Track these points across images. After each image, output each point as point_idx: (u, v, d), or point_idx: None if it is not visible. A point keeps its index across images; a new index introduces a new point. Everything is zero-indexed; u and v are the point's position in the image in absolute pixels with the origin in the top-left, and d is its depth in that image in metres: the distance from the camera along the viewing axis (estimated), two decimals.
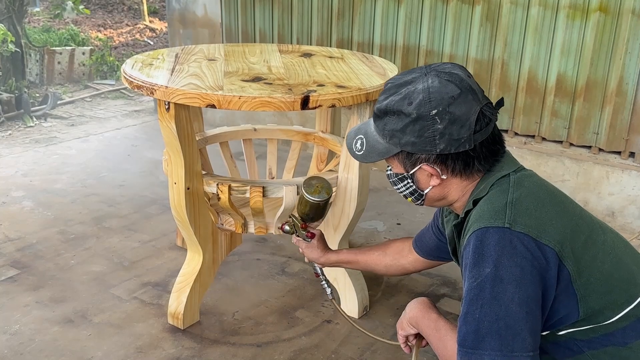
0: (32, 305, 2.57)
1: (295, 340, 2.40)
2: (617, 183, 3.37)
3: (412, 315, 1.52)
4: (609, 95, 3.34)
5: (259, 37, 4.62)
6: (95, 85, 6.78)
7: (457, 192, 1.44)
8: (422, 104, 1.33)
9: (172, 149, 2.19)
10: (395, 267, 1.90)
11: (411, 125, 1.35)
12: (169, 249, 3.07)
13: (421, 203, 1.49)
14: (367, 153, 1.46)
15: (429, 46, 3.87)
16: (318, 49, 2.87)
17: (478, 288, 1.25)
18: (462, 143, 1.34)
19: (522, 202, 1.31)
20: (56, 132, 5.08)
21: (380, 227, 3.36)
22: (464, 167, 1.39)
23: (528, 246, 1.24)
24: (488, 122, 1.36)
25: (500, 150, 1.42)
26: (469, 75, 1.40)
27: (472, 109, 1.34)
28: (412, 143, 1.37)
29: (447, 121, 1.33)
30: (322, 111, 2.91)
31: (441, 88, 1.33)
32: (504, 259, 1.24)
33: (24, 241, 3.11)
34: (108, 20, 9.98)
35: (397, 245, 1.91)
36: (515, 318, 1.21)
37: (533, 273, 1.23)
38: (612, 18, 3.24)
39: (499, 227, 1.26)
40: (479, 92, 1.38)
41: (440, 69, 1.38)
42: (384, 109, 1.39)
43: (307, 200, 1.95)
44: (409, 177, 1.44)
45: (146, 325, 2.46)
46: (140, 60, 2.45)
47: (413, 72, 1.40)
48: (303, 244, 2.00)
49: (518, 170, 1.41)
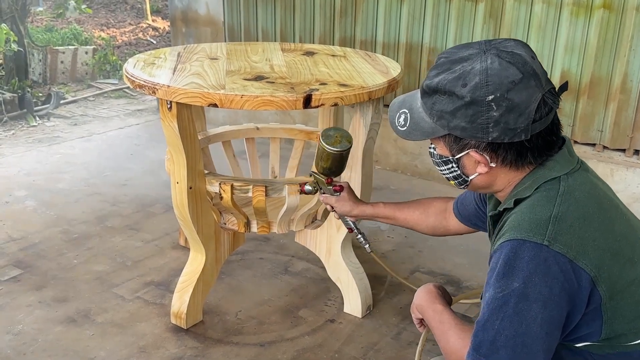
0: (35, 305, 2.57)
1: (299, 340, 2.40)
2: (621, 181, 3.35)
3: (417, 303, 1.50)
4: (613, 92, 3.32)
5: (262, 35, 4.62)
6: (98, 85, 6.78)
7: (504, 182, 1.33)
8: (478, 88, 1.21)
9: (175, 148, 2.18)
10: (439, 229, 1.79)
11: (463, 109, 1.23)
12: (171, 249, 3.07)
13: (464, 188, 1.40)
14: (411, 130, 1.34)
15: (431, 44, 3.86)
16: (320, 48, 2.86)
17: (503, 300, 1.19)
18: (517, 133, 1.22)
19: (568, 217, 1.21)
20: (59, 131, 5.08)
21: (383, 225, 3.35)
22: (516, 158, 1.27)
23: (563, 267, 1.17)
24: (549, 110, 1.25)
25: (556, 143, 1.30)
26: (533, 56, 1.26)
27: (534, 96, 1.21)
28: (462, 128, 1.25)
29: (505, 108, 1.20)
30: (325, 110, 2.90)
31: (501, 71, 1.20)
32: (535, 277, 1.17)
33: (26, 241, 3.11)
34: (111, 19, 9.99)
35: (439, 206, 1.79)
36: (533, 338, 1.17)
37: (561, 295, 1.17)
38: (616, 15, 3.22)
39: (537, 243, 1.18)
40: (543, 75, 1.25)
41: (501, 47, 1.24)
42: (434, 87, 1.26)
43: (329, 153, 1.82)
44: (454, 162, 1.33)
45: (149, 325, 2.46)
46: (142, 59, 2.44)
47: (470, 48, 1.26)
48: (332, 199, 1.87)
49: (571, 172, 1.29)
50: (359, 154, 2.31)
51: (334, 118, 2.90)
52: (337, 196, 1.88)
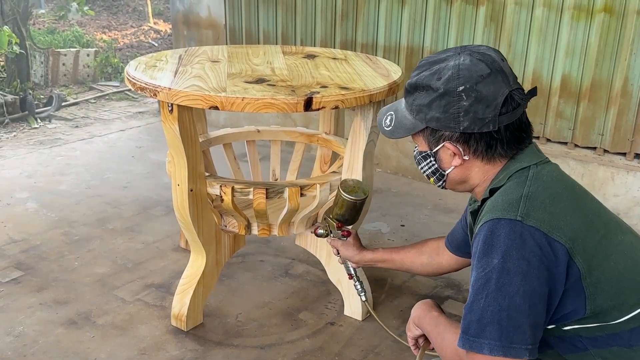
0: (36, 307, 2.57)
1: (299, 343, 2.40)
2: (622, 184, 3.35)
3: (415, 315, 1.56)
4: (614, 96, 3.33)
5: (263, 38, 4.63)
6: (99, 87, 6.79)
7: (479, 176, 1.43)
8: (450, 80, 1.34)
9: (176, 150, 2.19)
10: (431, 266, 1.87)
11: (437, 100, 1.36)
12: (172, 251, 3.07)
13: (443, 185, 1.49)
14: (395, 129, 1.47)
15: (432, 47, 3.86)
16: (321, 51, 2.87)
17: (485, 278, 1.26)
18: (486, 123, 1.34)
19: (538, 195, 1.30)
20: (60, 133, 5.09)
21: (384, 228, 3.35)
22: (487, 149, 1.38)
23: (538, 240, 1.24)
24: (516, 106, 1.36)
25: (525, 139, 1.41)
26: (503, 59, 1.39)
27: (501, 91, 1.34)
28: (436, 119, 1.37)
29: (473, 99, 1.33)
30: (326, 112, 2.90)
31: (471, 66, 1.34)
32: (512, 251, 1.24)
33: (28, 242, 3.11)
34: (113, 21, 10.00)
35: (433, 243, 1.88)
36: (518, 310, 1.22)
37: (540, 268, 1.24)
38: (617, 19, 3.22)
39: (511, 219, 1.26)
40: (511, 75, 1.37)
41: (474, 49, 1.39)
42: (414, 84, 1.41)
43: (344, 200, 1.92)
44: (432, 155, 1.44)
45: (149, 327, 2.46)
46: (143, 62, 2.44)
47: (448, 52, 1.41)
48: (339, 242, 1.98)
49: (540, 163, 1.39)
50: (360, 157, 2.31)
51: (335, 121, 2.91)
52: (343, 240, 1.97)
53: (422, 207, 3.62)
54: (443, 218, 3.49)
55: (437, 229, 3.35)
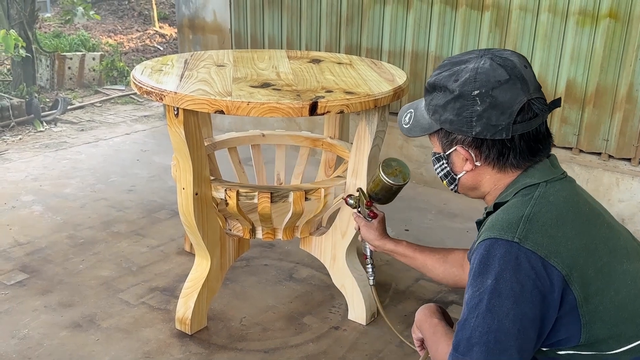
0: (41, 310, 2.58)
1: (303, 347, 2.40)
2: (627, 190, 3.34)
3: (417, 319, 1.56)
4: (619, 101, 3.32)
5: (268, 43, 4.64)
6: (105, 91, 6.82)
7: (489, 185, 1.40)
8: (467, 83, 1.31)
9: (181, 154, 2.19)
10: (451, 275, 1.78)
11: (452, 102, 1.34)
12: (177, 254, 3.08)
13: (455, 188, 1.46)
14: (412, 127, 1.46)
15: (437, 52, 3.87)
16: (327, 55, 2.88)
17: (478, 298, 1.24)
18: (499, 130, 1.30)
19: (540, 217, 1.26)
20: (66, 137, 5.10)
21: (388, 233, 3.35)
22: (498, 157, 1.34)
23: (533, 264, 1.21)
24: (533, 116, 1.31)
25: (540, 150, 1.35)
26: (527, 65, 1.34)
27: (518, 98, 1.29)
28: (450, 121, 1.35)
29: (488, 104, 1.29)
30: (331, 117, 2.91)
31: (490, 71, 1.30)
32: (506, 273, 1.21)
33: (33, 245, 3.12)
34: (118, 25, 10.04)
35: (458, 254, 1.80)
36: (506, 333, 1.20)
37: (534, 293, 1.21)
38: (622, 24, 3.22)
39: (508, 240, 1.23)
40: (532, 83, 1.32)
41: (497, 53, 1.34)
42: (433, 83, 1.39)
43: (381, 180, 1.85)
44: (445, 158, 1.42)
45: (154, 331, 2.47)
46: (149, 66, 2.46)
47: (472, 53, 1.38)
48: (362, 221, 1.89)
49: (552, 180, 1.34)
50: (364, 162, 2.32)
51: (340, 125, 2.92)
52: (368, 221, 1.89)
53: (427, 212, 3.62)
54: (447, 223, 3.49)
55: (442, 234, 3.35)
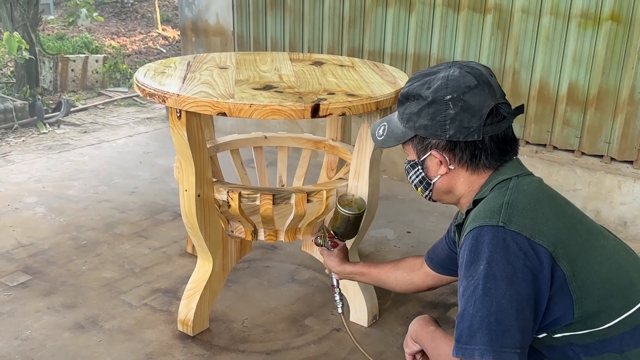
0: (44, 311, 2.59)
1: (305, 348, 2.40)
2: (629, 193, 3.34)
3: (412, 331, 1.58)
4: (621, 104, 3.33)
5: (271, 45, 4.65)
6: (108, 93, 6.84)
7: (464, 187, 1.47)
8: (439, 89, 1.41)
9: (183, 156, 2.20)
10: (404, 281, 1.87)
11: (426, 108, 1.42)
12: (179, 256, 3.09)
13: (429, 194, 1.53)
14: (387, 138, 1.53)
15: (439, 55, 3.87)
16: (329, 58, 2.88)
17: (473, 285, 1.28)
18: (471, 132, 1.39)
19: (519, 203, 1.34)
20: (69, 138, 5.12)
21: (390, 235, 3.36)
22: (471, 158, 1.43)
23: (521, 245, 1.27)
24: (501, 119, 1.41)
25: (509, 152, 1.46)
26: (492, 74, 1.46)
27: (486, 102, 1.39)
28: (424, 126, 1.43)
29: (460, 108, 1.39)
30: (333, 119, 2.91)
31: (460, 77, 1.41)
32: (496, 256, 1.27)
33: (36, 247, 3.13)
34: (121, 28, 10.07)
35: (411, 260, 1.90)
36: (505, 314, 1.24)
37: (525, 272, 1.26)
38: (624, 27, 3.23)
39: (493, 225, 1.30)
40: (498, 90, 1.43)
41: (464, 64, 1.46)
42: (406, 94, 1.48)
43: (339, 212, 1.98)
44: (420, 164, 1.49)
45: (156, 332, 2.47)
46: (152, 68, 2.47)
47: (439, 66, 1.49)
48: (325, 251, 2.03)
49: (522, 175, 1.44)
50: (366, 164, 2.32)
51: (342, 128, 2.92)
52: (330, 251, 2.01)
53: (429, 214, 3.62)
54: (449, 225, 3.48)
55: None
